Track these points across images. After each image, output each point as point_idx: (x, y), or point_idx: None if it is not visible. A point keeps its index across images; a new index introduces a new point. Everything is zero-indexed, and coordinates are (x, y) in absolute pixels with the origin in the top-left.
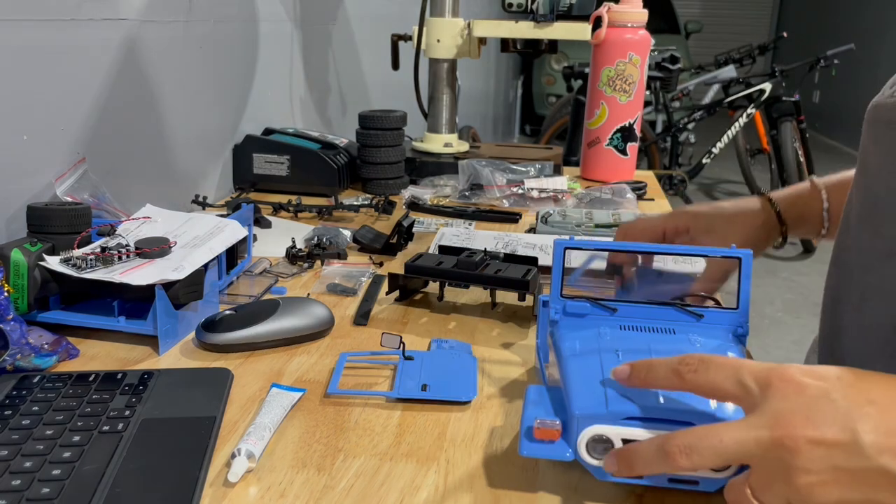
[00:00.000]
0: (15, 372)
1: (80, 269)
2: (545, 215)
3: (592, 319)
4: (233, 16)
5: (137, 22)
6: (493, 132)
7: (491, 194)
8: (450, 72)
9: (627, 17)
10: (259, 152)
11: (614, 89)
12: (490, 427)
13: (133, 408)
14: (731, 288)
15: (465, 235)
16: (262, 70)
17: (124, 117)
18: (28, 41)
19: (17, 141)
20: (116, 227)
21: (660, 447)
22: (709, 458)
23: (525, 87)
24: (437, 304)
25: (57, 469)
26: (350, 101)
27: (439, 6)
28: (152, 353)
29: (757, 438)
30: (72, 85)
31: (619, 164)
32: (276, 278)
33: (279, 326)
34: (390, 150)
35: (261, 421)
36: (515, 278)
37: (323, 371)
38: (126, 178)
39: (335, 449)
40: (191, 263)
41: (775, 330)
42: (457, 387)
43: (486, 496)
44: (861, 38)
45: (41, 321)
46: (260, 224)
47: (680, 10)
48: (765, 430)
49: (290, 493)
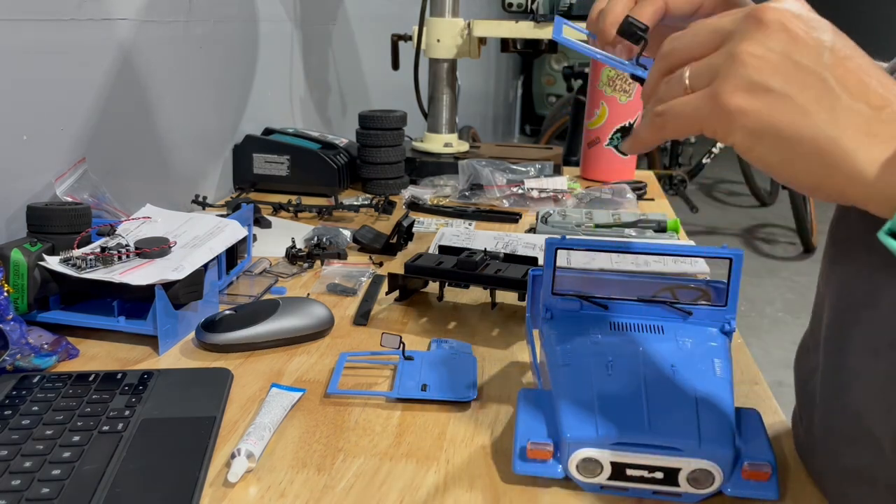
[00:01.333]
0: (15, 372)
1: (80, 269)
2: (545, 215)
3: (583, 317)
4: (233, 16)
5: (137, 22)
6: (493, 132)
7: (491, 194)
8: (450, 72)
9: None
10: (259, 152)
11: (614, 89)
12: (490, 427)
13: (133, 408)
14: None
15: (465, 235)
16: (262, 70)
17: (124, 117)
18: (28, 41)
19: (17, 141)
20: (116, 227)
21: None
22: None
23: (525, 87)
24: (437, 304)
25: (57, 469)
26: (350, 101)
27: (439, 6)
28: (152, 353)
29: (738, 13)
30: (72, 85)
31: (619, 164)
32: (275, 278)
33: (279, 326)
34: (390, 150)
35: (261, 421)
36: (515, 278)
37: (323, 371)
38: (126, 178)
39: (335, 449)
40: (191, 263)
41: (775, 330)
42: (457, 387)
43: (486, 496)
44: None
45: (41, 321)
46: (260, 224)
47: None
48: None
49: (289, 493)
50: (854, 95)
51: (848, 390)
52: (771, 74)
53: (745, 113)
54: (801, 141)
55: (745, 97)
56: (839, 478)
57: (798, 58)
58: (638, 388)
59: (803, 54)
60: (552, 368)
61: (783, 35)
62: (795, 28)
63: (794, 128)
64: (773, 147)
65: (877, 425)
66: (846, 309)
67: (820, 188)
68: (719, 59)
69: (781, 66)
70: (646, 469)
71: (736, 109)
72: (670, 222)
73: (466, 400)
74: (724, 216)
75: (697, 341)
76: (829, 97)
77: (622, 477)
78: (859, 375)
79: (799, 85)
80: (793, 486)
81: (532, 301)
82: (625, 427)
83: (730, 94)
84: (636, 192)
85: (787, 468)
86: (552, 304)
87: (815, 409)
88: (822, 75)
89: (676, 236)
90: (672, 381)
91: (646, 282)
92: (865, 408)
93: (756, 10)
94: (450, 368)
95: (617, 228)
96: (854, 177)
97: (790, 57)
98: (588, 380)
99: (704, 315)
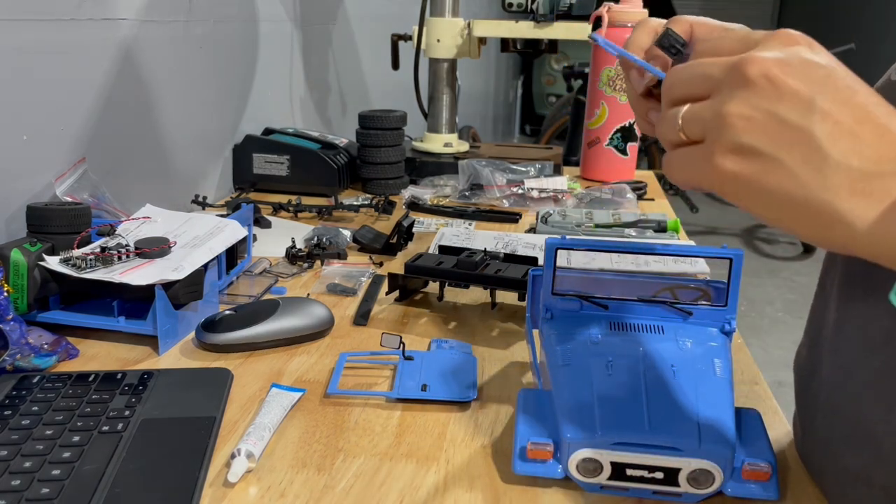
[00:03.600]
0: (15, 372)
1: (79, 269)
2: (545, 215)
3: (583, 317)
4: (233, 16)
5: (137, 22)
6: (493, 132)
7: (491, 194)
8: (450, 72)
9: (627, 17)
10: (259, 152)
11: (614, 89)
12: (490, 427)
13: (133, 408)
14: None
15: (465, 235)
16: (262, 70)
17: (124, 117)
18: (28, 41)
19: (17, 141)
20: (116, 227)
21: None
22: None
23: (525, 87)
24: (437, 304)
25: (57, 469)
26: (350, 101)
27: (439, 6)
28: (152, 353)
29: (725, 62)
30: (72, 85)
31: (619, 164)
32: (275, 278)
33: (279, 326)
34: (390, 150)
35: (261, 421)
36: (515, 278)
37: (323, 371)
38: (126, 178)
39: (335, 449)
40: (191, 263)
41: (775, 330)
42: (457, 387)
43: (487, 496)
44: (861, 37)
45: (41, 321)
46: (260, 224)
47: (680, 10)
48: (736, 60)
49: (289, 493)
50: (844, 152)
51: (846, 389)
52: (758, 136)
53: (736, 176)
54: (794, 203)
55: (734, 160)
56: (839, 478)
57: (784, 114)
58: (638, 388)
59: (789, 110)
60: (552, 368)
61: (768, 90)
62: (781, 81)
63: (785, 190)
64: (768, 207)
65: (877, 425)
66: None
67: (823, 242)
68: (709, 114)
69: (768, 125)
70: (646, 469)
71: (727, 172)
72: (670, 222)
73: (466, 400)
74: (724, 216)
75: (697, 341)
76: (817, 156)
77: (622, 477)
78: (856, 373)
79: (787, 145)
80: (793, 487)
81: (532, 301)
82: (625, 427)
83: (720, 156)
84: (636, 192)
85: (788, 468)
86: (552, 304)
87: (817, 409)
88: (810, 131)
89: (676, 236)
90: (672, 381)
91: (646, 282)
92: (865, 407)
93: (742, 63)
94: (450, 368)
95: (617, 228)
96: (852, 235)
97: (776, 114)
98: (588, 380)
99: (705, 315)
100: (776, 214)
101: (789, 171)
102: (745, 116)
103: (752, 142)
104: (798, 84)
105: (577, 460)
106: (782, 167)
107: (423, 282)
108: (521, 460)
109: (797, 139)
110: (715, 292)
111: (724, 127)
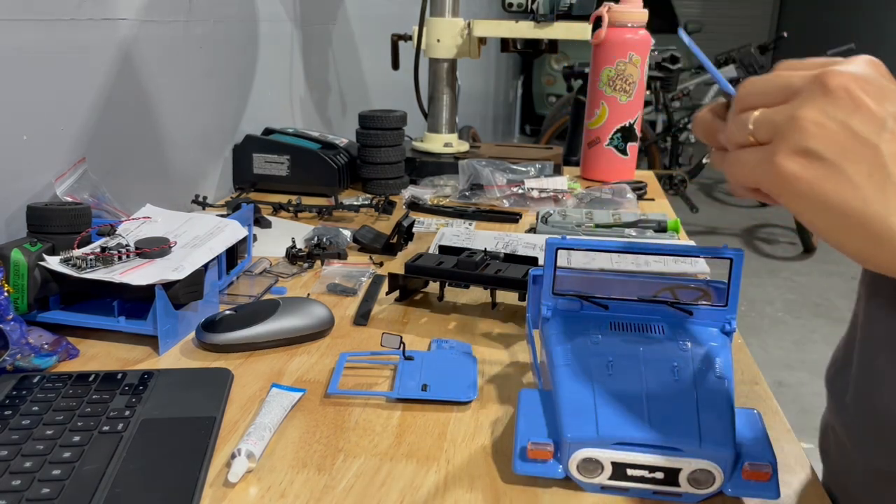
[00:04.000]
0: (15, 372)
1: (80, 269)
2: (545, 215)
3: (584, 317)
4: (233, 16)
5: (137, 22)
6: (493, 132)
7: (491, 194)
8: (450, 72)
9: (628, 17)
10: (259, 152)
11: (614, 89)
12: (490, 427)
13: (133, 408)
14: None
15: (465, 235)
16: (262, 70)
17: (124, 117)
18: (28, 41)
19: (17, 141)
20: (116, 227)
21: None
22: (760, 84)
23: (525, 87)
24: (437, 304)
25: (57, 469)
26: (350, 101)
27: (439, 6)
28: (152, 353)
29: (808, 73)
30: (72, 85)
31: (619, 164)
32: (276, 278)
33: (279, 326)
34: (390, 150)
35: (261, 421)
36: (515, 278)
37: (323, 371)
38: (126, 178)
39: (335, 449)
40: (191, 263)
41: (775, 330)
42: (457, 387)
43: (487, 496)
44: (861, 38)
45: (41, 321)
46: (260, 224)
47: (680, 10)
48: (818, 71)
49: (290, 494)
50: None
51: (878, 391)
52: (826, 143)
53: (797, 178)
54: (848, 214)
55: (798, 163)
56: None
57: (857, 127)
58: (638, 388)
59: (863, 124)
60: (552, 368)
61: (847, 102)
62: (860, 95)
63: (841, 199)
64: (821, 215)
65: None
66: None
67: (868, 260)
68: (781, 117)
69: (838, 135)
70: (646, 469)
71: (788, 173)
72: (670, 222)
73: (467, 400)
74: (724, 216)
75: (698, 341)
76: (881, 173)
77: (623, 477)
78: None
79: (852, 157)
80: (793, 487)
81: (532, 301)
82: (625, 427)
83: (784, 157)
84: (636, 192)
85: (788, 468)
86: (552, 304)
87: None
88: (879, 148)
89: (676, 236)
90: (672, 381)
91: (646, 282)
92: None
93: (824, 74)
94: (450, 368)
95: (617, 228)
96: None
97: (849, 126)
98: (588, 380)
99: (705, 315)
100: (827, 223)
101: (851, 181)
102: (817, 122)
103: (819, 148)
104: (874, 102)
105: (577, 460)
106: (844, 177)
107: (424, 282)
108: (522, 460)
109: (864, 154)
110: (715, 292)
111: (795, 130)
